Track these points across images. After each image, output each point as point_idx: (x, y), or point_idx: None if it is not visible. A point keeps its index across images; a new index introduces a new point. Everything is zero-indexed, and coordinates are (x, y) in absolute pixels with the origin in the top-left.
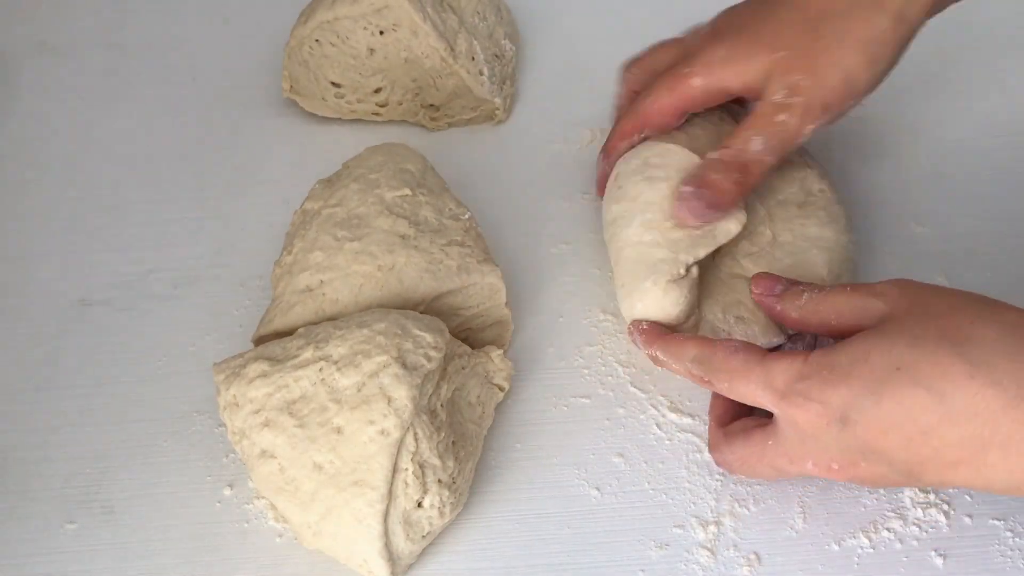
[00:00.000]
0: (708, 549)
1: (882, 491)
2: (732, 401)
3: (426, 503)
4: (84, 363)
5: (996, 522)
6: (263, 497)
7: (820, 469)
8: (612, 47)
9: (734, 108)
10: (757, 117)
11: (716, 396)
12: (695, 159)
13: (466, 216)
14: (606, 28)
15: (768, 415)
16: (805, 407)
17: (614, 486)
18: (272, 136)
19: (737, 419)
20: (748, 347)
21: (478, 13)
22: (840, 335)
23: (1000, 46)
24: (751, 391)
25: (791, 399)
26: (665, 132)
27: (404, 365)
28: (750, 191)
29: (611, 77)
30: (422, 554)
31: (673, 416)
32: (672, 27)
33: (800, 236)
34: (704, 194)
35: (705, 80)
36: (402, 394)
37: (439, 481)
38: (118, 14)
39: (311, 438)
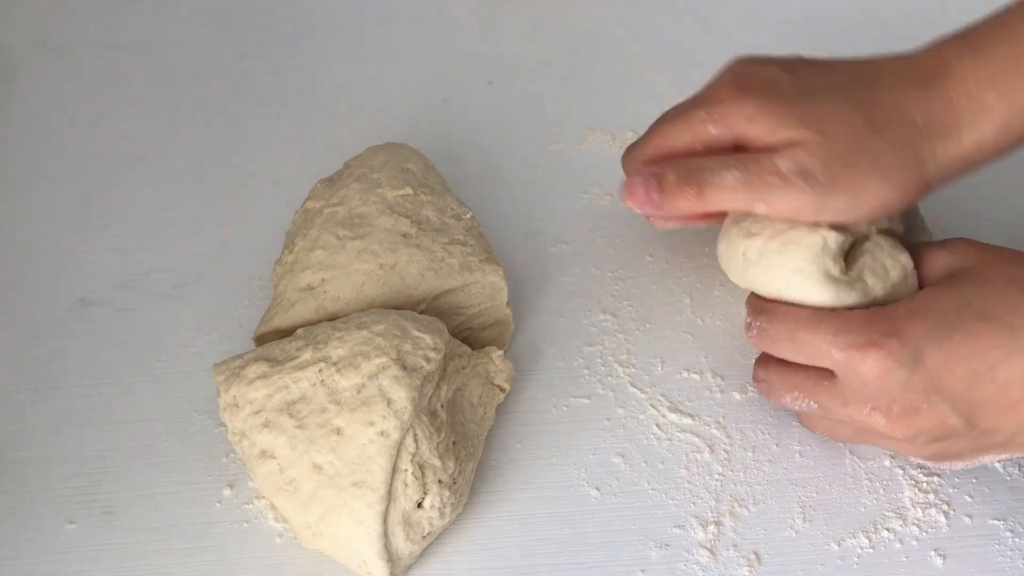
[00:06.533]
0: (708, 549)
1: (882, 491)
2: None
3: (426, 504)
4: (84, 363)
5: (996, 522)
6: (263, 497)
7: (879, 415)
8: (613, 47)
9: None
10: (752, 160)
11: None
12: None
13: (468, 216)
14: (607, 28)
15: None
16: (878, 346)
17: (614, 486)
18: (272, 136)
19: None
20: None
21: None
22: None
23: None
24: (817, 340)
25: (863, 339)
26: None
27: (403, 367)
28: (700, 210)
29: (611, 77)
30: (422, 554)
31: (673, 416)
32: (673, 26)
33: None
34: (651, 183)
35: (720, 131)
36: (401, 396)
37: (439, 482)
38: (118, 14)
39: (311, 439)
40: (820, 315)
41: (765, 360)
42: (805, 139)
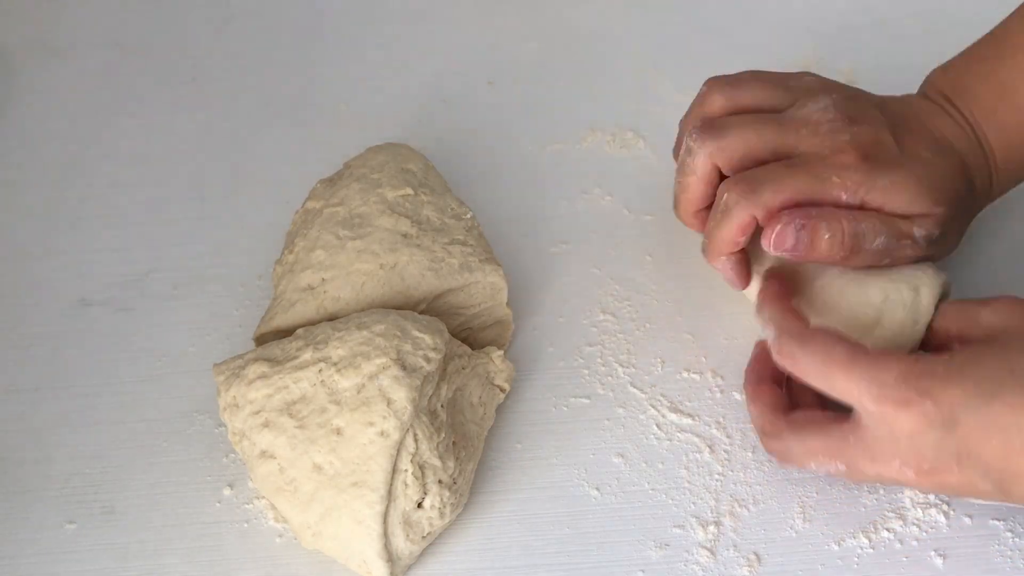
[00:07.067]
0: (708, 549)
1: (882, 491)
2: (782, 391)
3: (426, 504)
4: (84, 363)
5: (996, 522)
6: (263, 497)
7: (909, 470)
8: (613, 47)
9: None
10: (893, 226)
11: (762, 384)
12: None
13: (468, 216)
14: (607, 28)
15: (839, 411)
16: (912, 406)
17: (614, 486)
18: (272, 136)
19: (792, 410)
20: (851, 341)
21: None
22: (943, 344)
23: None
24: (851, 385)
25: (899, 396)
26: None
27: (403, 367)
28: (837, 263)
29: (611, 77)
30: (422, 554)
31: (673, 416)
32: (673, 26)
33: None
34: (802, 236)
35: (851, 199)
36: (401, 396)
37: (439, 482)
38: (118, 14)
39: (311, 439)
40: (855, 356)
41: (776, 430)
42: (934, 212)
